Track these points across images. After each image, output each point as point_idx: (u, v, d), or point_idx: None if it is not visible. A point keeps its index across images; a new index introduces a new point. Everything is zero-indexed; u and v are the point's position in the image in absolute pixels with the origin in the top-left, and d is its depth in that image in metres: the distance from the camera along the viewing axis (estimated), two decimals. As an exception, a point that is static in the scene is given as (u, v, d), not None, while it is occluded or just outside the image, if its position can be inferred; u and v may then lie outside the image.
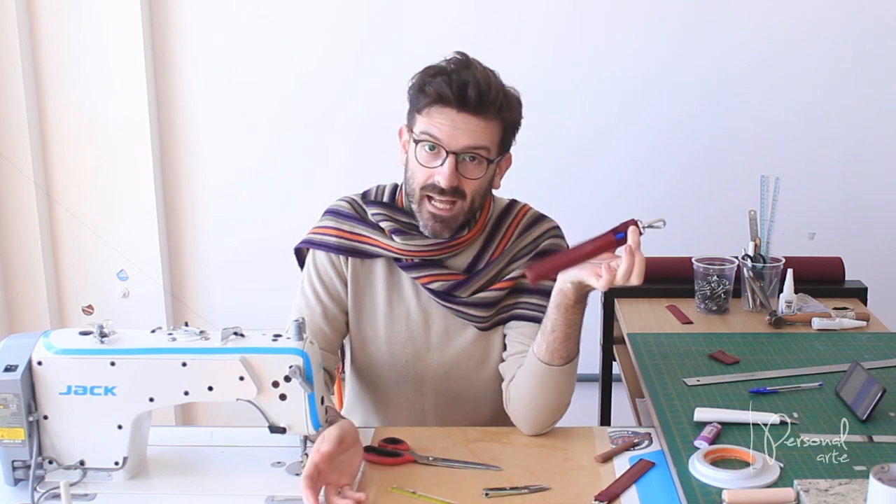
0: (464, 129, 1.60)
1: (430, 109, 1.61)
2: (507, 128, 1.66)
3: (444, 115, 1.60)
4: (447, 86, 1.58)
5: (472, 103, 1.58)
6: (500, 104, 1.61)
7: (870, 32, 2.73)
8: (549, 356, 1.57)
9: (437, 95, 1.59)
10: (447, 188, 1.61)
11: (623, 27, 2.76)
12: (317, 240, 1.76)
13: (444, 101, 1.59)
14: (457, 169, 1.61)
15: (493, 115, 1.61)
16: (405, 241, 1.69)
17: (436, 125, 1.60)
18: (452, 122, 1.59)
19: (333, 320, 1.76)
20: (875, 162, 2.83)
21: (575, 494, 1.42)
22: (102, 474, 1.47)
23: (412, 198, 1.68)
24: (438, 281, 1.70)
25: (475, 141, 1.61)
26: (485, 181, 1.66)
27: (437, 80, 1.60)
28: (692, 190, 2.85)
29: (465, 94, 1.58)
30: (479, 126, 1.60)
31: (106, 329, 1.44)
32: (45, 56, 2.80)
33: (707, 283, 2.12)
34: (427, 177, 1.63)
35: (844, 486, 1.31)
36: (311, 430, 1.44)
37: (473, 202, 1.67)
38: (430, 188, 1.63)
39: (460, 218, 1.67)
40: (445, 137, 1.60)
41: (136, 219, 2.91)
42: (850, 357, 1.80)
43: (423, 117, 1.62)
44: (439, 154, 1.61)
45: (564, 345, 1.56)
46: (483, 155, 1.62)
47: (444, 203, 1.63)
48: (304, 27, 2.80)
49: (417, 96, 1.63)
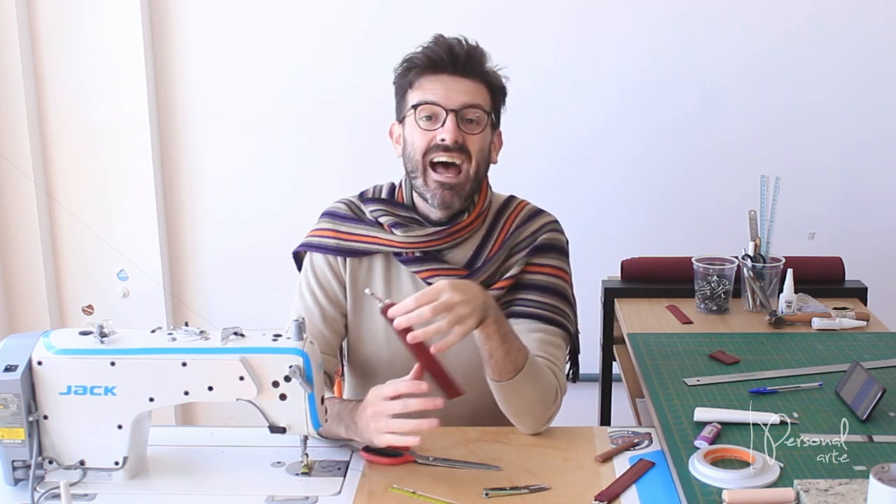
0: (457, 88, 1.64)
1: (421, 80, 1.65)
2: (494, 93, 1.69)
3: (436, 80, 1.64)
4: (434, 49, 1.64)
5: (461, 61, 1.64)
6: (488, 71, 1.67)
7: (870, 33, 2.73)
8: (499, 375, 1.56)
9: (427, 61, 1.64)
10: (452, 144, 1.63)
11: (623, 27, 2.76)
12: (314, 242, 1.76)
13: (435, 67, 1.64)
14: (458, 127, 1.64)
15: (481, 79, 1.66)
16: (405, 233, 1.70)
17: (430, 91, 1.64)
18: (445, 84, 1.64)
19: (332, 322, 1.76)
20: (875, 162, 2.83)
21: (575, 494, 1.42)
22: (102, 474, 1.47)
23: (416, 173, 1.68)
24: (438, 276, 1.70)
25: (471, 99, 1.65)
26: (486, 141, 1.69)
27: (423, 50, 1.65)
28: (692, 190, 2.85)
29: (454, 53, 1.64)
30: (470, 86, 1.65)
31: (106, 329, 1.44)
32: (45, 56, 2.80)
33: (707, 283, 2.12)
34: (429, 140, 1.65)
35: (844, 486, 1.31)
36: (311, 430, 1.45)
37: (479, 167, 1.68)
38: (433, 150, 1.65)
39: (467, 186, 1.67)
40: (442, 98, 1.64)
41: (136, 219, 2.91)
42: (850, 357, 1.80)
43: (415, 90, 1.66)
44: (438, 118, 1.64)
45: (507, 359, 1.54)
46: (481, 110, 1.66)
47: (450, 170, 1.65)
48: (304, 27, 2.80)
49: (406, 75, 1.68)
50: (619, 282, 2.32)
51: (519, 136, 2.76)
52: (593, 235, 2.77)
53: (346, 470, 1.51)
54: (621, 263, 2.34)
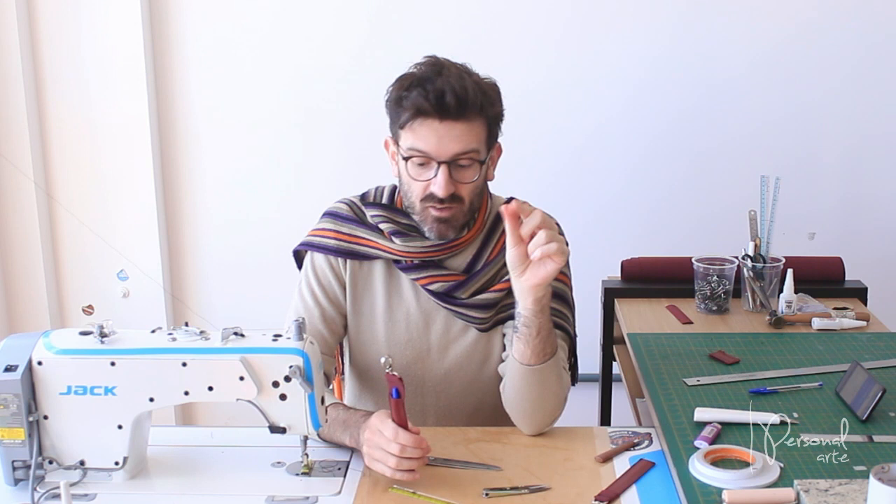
0: (449, 136, 1.58)
1: (412, 124, 1.60)
2: (490, 123, 1.65)
3: (427, 126, 1.59)
4: (424, 98, 1.57)
5: (452, 110, 1.57)
6: (481, 103, 1.60)
7: (870, 32, 2.73)
8: (535, 358, 1.56)
9: (416, 109, 1.58)
10: (444, 197, 1.61)
11: (623, 27, 2.76)
12: (315, 242, 1.76)
13: (424, 114, 1.58)
14: (451, 176, 1.61)
15: (476, 116, 1.60)
16: (405, 243, 1.69)
17: (421, 139, 1.59)
18: (436, 132, 1.58)
19: (331, 323, 1.76)
20: (875, 162, 2.83)
21: (575, 494, 1.42)
22: (102, 474, 1.47)
23: (412, 210, 1.68)
24: (438, 282, 1.70)
25: (463, 146, 1.60)
26: (480, 181, 1.67)
27: (412, 93, 1.58)
28: (692, 190, 2.85)
29: (443, 102, 1.56)
30: (463, 130, 1.59)
31: (106, 329, 1.44)
32: (45, 56, 2.80)
33: (707, 283, 2.12)
34: (423, 189, 1.63)
35: (844, 486, 1.31)
36: (311, 430, 1.45)
37: (472, 203, 1.67)
38: (428, 199, 1.63)
39: (461, 218, 1.67)
40: (433, 150, 1.59)
41: (136, 219, 2.91)
42: (850, 357, 1.80)
43: (407, 132, 1.61)
44: (430, 166, 1.61)
45: (547, 341, 1.56)
46: (474, 158, 1.62)
47: (444, 208, 1.64)
48: (304, 27, 2.80)
49: (397, 111, 1.62)
50: (619, 282, 2.32)
51: (520, 137, 2.78)
52: (593, 235, 2.77)
53: (346, 470, 1.51)
54: (621, 263, 2.34)
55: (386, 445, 1.42)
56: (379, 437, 1.44)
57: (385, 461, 1.43)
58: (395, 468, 1.41)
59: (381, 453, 1.43)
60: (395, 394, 1.43)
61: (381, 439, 1.43)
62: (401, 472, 1.42)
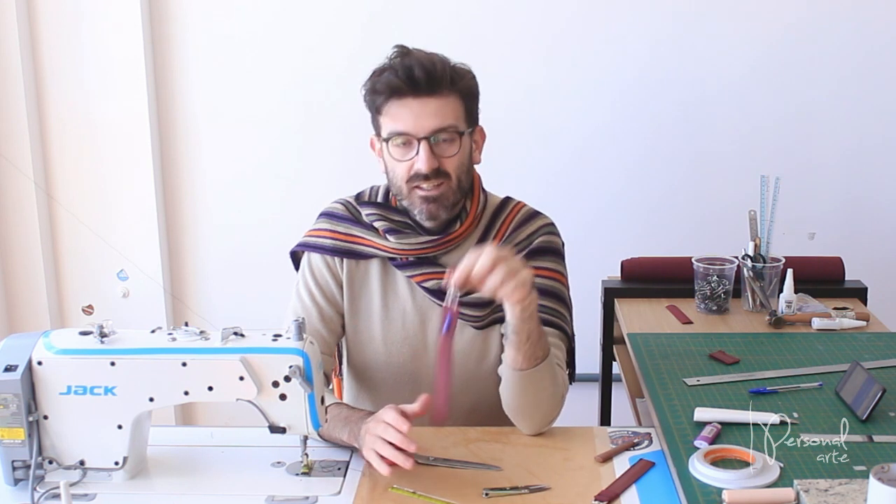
0: (424, 112, 1.62)
1: (387, 106, 1.64)
2: (465, 98, 1.67)
3: (402, 105, 1.63)
4: (395, 76, 1.62)
5: (423, 84, 1.61)
6: (451, 77, 1.64)
7: (870, 33, 2.73)
8: (526, 363, 1.56)
9: (389, 90, 1.62)
10: (429, 171, 1.63)
11: (623, 27, 2.76)
12: (312, 242, 1.77)
13: (397, 93, 1.62)
14: (433, 152, 1.63)
15: (448, 90, 1.63)
16: (399, 240, 1.70)
17: (399, 120, 1.63)
18: (411, 109, 1.62)
19: (329, 322, 1.76)
20: (875, 162, 2.83)
21: (575, 494, 1.42)
22: (102, 474, 1.48)
23: (400, 195, 1.69)
24: (433, 279, 1.71)
25: (440, 121, 1.63)
26: (464, 156, 1.68)
27: (383, 76, 1.63)
28: (692, 190, 2.84)
29: (413, 77, 1.61)
30: (438, 105, 1.62)
31: (106, 329, 1.44)
32: (45, 56, 2.80)
33: (707, 283, 2.12)
34: (407, 169, 1.65)
35: (844, 486, 1.31)
36: (311, 430, 1.45)
37: (460, 180, 1.68)
38: (413, 179, 1.65)
39: (451, 196, 1.68)
40: (411, 127, 1.62)
41: (136, 219, 2.91)
42: (850, 357, 1.80)
43: (385, 117, 1.65)
44: (411, 144, 1.64)
45: (538, 344, 1.56)
46: (453, 131, 1.64)
47: (430, 182, 1.65)
48: (304, 27, 2.80)
49: (372, 98, 1.67)
50: (619, 282, 2.32)
51: (520, 137, 2.78)
52: (593, 235, 2.77)
53: (346, 470, 1.51)
54: (621, 263, 2.34)
55: (383, 432, 1.43)
56: (376, 424, 1.45)
57: (373, 445, 1.43)
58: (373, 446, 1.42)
59: (371, 438, 1.44)
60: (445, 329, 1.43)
61: (379, 426, 1.44)
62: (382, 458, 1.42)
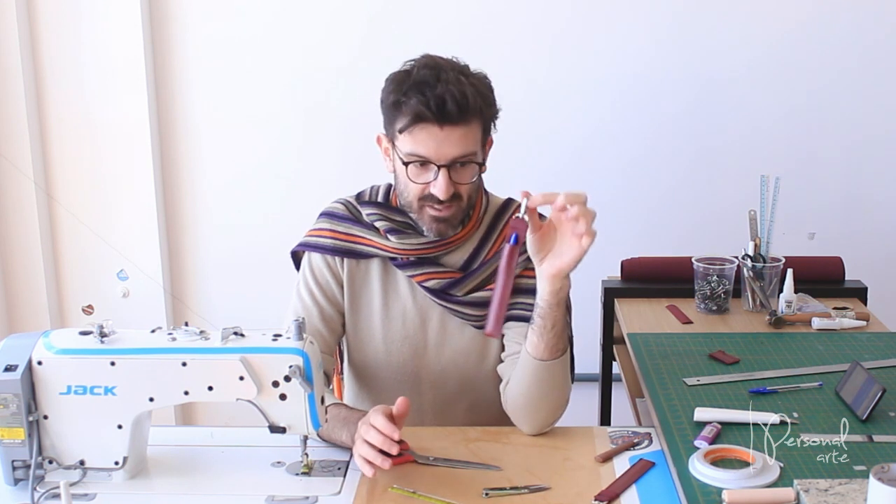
0: (449, 141, 1.58)
1: (411, 129, 1.59)
2: (486, 122, 1.65)
3: (426, 132, 1.58)
4: (425, 106, 1.55)
5: (454, 116, 1.56)
6: (480, 106, 1.60)
7: (870, 32, 2.73)
8: (548, 353, 1.57)
9: (415, 115, 1.57)
10: (445, 199, 1.62)
11: (622, 26, 2.76)
12: (312, 242, 1.77)
13: (424, 120, 1.57)
14: (450, 178, 1.61)
15: (474, 119, 1.60)
16: (400, 240, 1.70)
17: (420, 144, 1.58)
18: (436, 137, 1.58)
19: (330, 321, 1.76)
20: (875, 162, 2.83)
21: (575, 494, 1.42)
22: (102, 474, 1.48)
23: (409, 209, 1.68)
24: (434, 279, 1.71)
25: (462, 150, 1.60)
26: (477, 179, 1.67)
27: (412, 99, 1.56)
28: (692, 190, 2.85)
29: (444, 110, 1.55)
30: (462, 134, 1.59)
31: (106, 329, 1.44)
32: (45, 56, 2.80)
33: (707, 283, 2.12)
34: (421, 191, 1.63)
35: (844, 486, 1.31)
36: (311, 430, 1.45)
37: (470, 198, 1.68)
38: (427, 199, 1.64)
39: (459, 216, 1.68)
40: (433, 154, 1.59)
41: (136, 219, 2.91)
42: (850, 357, 1.80)
43: (406, 137, 1.60)
44: (429, 168, 1.61)
45: (561, 337, 1.57)
46: (472, 159, 1.62)
47: (443, 208, 1.64)
48: (303, 27, 2.80)
49: (394, 114, 1.61)
50: (619, 282, 2.32)
51: (519, 137, 2.78)
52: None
53: (346, 470, 1.51)
54: (621, 263, 2.34)
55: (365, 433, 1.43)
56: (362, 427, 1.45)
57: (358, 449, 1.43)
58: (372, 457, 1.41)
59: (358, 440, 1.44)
60: (513, 240, 1.43)
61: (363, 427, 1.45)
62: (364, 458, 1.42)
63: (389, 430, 1.42)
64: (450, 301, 1.71)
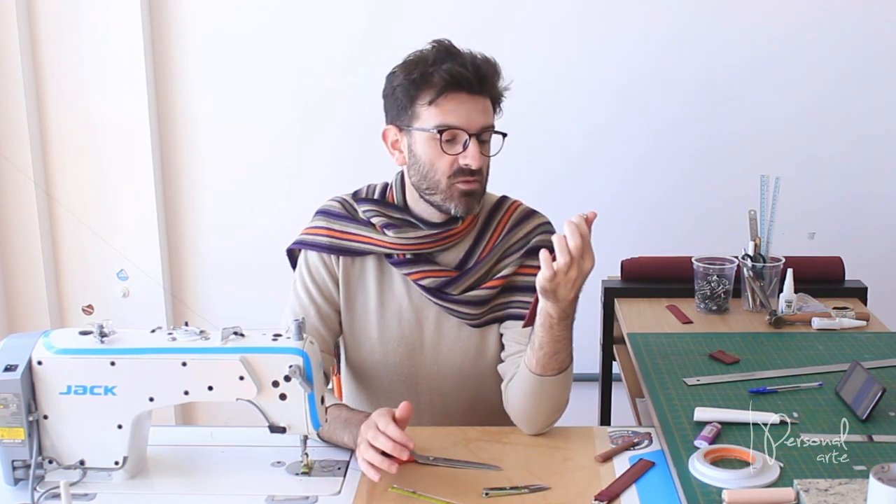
0: (476, 110, 1.62)
1: (440, 99, 1.61)
2: (496, 105, 1.69)
3: (456, 101, 1.61)
4: (462, 67, 1.59)
5: (486, 82, 1.62)
6: (496, 83, 1.65)
7: (870, 31, 2.73)
8: (540, 369, 1.56)
9: (451, 80, 1.59)
10: (477, 169, 1.63)
11: (621, 26, 2.76)
12: (308, 240, 1.77)
13: (455, 87, 1.60)
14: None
15: (492, 91, 1.65)
16: (397, 235, 1.70)
17: (451, 113, 1.61)
18: (465, 105, 1.61)
19: (327, 320, 1.76)
20: (875, 162, 2.82)
21: (575, 494, 1.42)
22: (102, 474, 1.48)
23: (436, 189, 1.66)
24: (429, 277, 1.71)
25: (487, 120, 1.64)
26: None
27: (443, 66, 1.59)
28: (692, 190, 2.84)
29: (480, 73, 1.61)
30: (486, 105, 1.64)
31: (106, 329, 1.44)
32: (45, 56, 2.80)
33: (707, 283, 2.12)
34: (451, 163, 1.63)
35: (844, 486, 1.31)
36: (311, 429, 1.45)
37: (487, 178, 1.70)
38: (458, 173, 1.63)
39: (482, 192, 1.70)
40: (464, 122, 1.61)
41: (136, 219, 2.91)
42: (850, 357, 1.80)
43: (433, 109, 1.61)
44: (458, 140, 1.62)
45: (554, 359, 1.55)
46: (494, 131, 1.66)
47: (473, 180, 1.65)
48: (303, 27, 2.80)
49: (416, 92, 1.62)
50: (619, 282, 2.32)
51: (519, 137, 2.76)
52: (593, 235, 2.74)
53: (346, 470, 1.51)
54: (621, 263, 2.34)
55: (373, 438, 1.43)
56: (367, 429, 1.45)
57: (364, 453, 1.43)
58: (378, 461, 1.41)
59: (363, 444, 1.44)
60: None
61: (370, 431, 1.44)
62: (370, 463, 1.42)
63: (404, 439, 1.41)
64: (445, 299, 1.71)
